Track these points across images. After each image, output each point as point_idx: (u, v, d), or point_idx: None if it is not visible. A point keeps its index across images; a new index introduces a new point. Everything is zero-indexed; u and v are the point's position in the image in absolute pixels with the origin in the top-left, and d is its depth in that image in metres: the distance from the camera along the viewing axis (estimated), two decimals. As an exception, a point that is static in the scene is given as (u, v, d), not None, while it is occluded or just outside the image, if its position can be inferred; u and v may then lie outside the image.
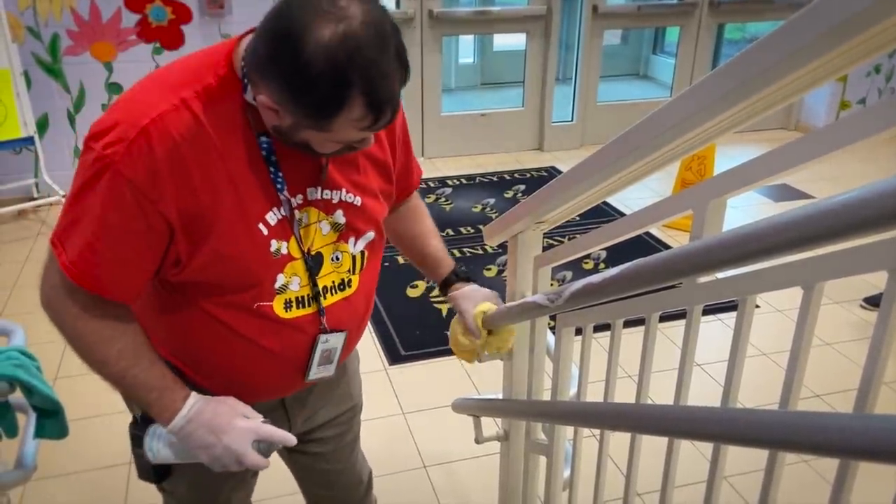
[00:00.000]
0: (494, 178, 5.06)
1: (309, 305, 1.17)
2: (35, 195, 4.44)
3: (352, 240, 1.21)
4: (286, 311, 1.15)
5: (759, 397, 2.17)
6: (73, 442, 1.72)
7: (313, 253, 1.15)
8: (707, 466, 1.02)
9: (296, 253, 1.13)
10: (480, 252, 3.94)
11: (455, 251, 3.95)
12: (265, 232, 1.08)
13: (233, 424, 1.09)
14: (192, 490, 1.34)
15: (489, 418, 1.79)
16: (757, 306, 0.92)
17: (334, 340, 1.22)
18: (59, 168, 4.41)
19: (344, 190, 1.16)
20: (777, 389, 0.87)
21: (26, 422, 1.61)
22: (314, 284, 1.16)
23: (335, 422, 1.44)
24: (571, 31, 5.64)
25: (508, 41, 6.88)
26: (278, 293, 1.13)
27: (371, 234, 1.23)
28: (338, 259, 1.19)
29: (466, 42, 7.72)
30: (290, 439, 1.14)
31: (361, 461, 1.59)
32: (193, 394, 1.11)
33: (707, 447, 1.01)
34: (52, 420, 1.57)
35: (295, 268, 1.13)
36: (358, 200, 1.19)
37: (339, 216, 1.17)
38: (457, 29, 5.53)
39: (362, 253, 1.24)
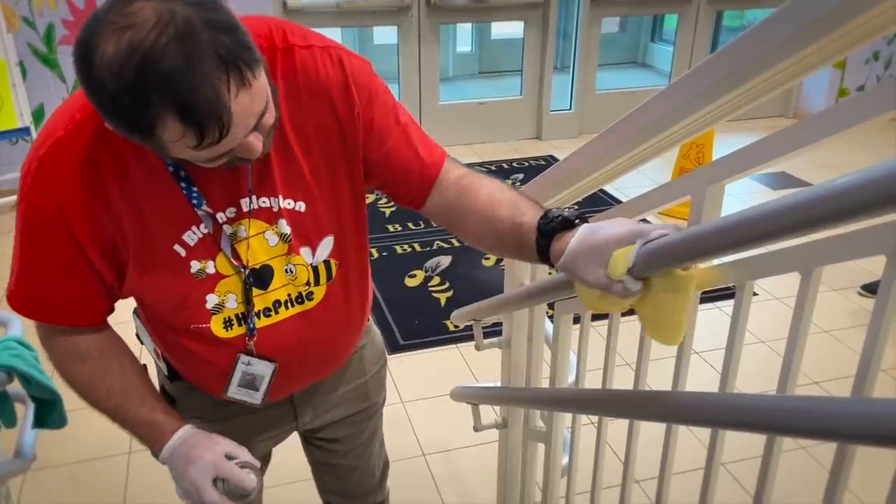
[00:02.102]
0: (493, 167, 5.05)
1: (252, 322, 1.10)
2: (32, 186, 4.43)
3: (305, 250, 1.09)
4: (226, 331, 1.08)
5: (756, 384, 2.17)
6: (73, 432, 1.73)
7: (258, 266, 1.06)
8: (705, 453, 1.02)
9: (226, 270, 1.05)
10: (479, 241, 3.93)
11: (453, 240, 3.95)
12: (182, 253, 1.01)
13: (200, 458, 1.06)
14: None
15: (488, 406, 1.79)
16: (755, 294, 0.92)
17: (260, 368, 1.12)
18: (56, 158, 4.40)
19: (281, 196, 1.04)
20: (775, 376, 0.87)
21: (25, 412, 1.62)
22: (248, 301, 1.07)
23: (348, 420, 1.40)
24: (569, 19, 5.62)
25: (506, 29, 6.86)
26: (213, 313, 1.07)
27: (329, 239, 1.10)
28: (291, 272, 1.09)
29: (464, 30, 7.70)
30: (249, 485, 1.06)
31: (377, 456, 1.54)
32: (185, 427, 1.10)
33: (705, 434, 1.01)
34: (50, 410, 1.58)
35: (229, 285, 1.06)
36: (301, 206, 1.06)
37: (283, 225, 1.05)
38: (454, 17, 5.50)
39: (327, 262, 1.12)
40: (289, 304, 1.11)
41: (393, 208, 4.35)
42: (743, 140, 0.86)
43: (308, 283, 1.11)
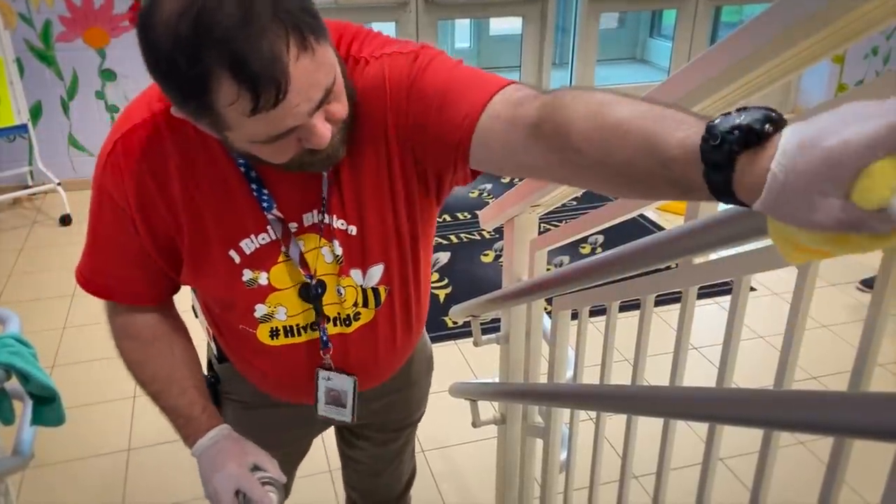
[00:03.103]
0: (491, 164, 5.04)
1: (299, 335, 1.09)
2: (30, 183, 4.42)
3: (356, 272, 1.06)
4: (272, 339, 1.09)
5: (754, 379, 2.17)
6: (71, 429, 1.73)
7: (314, 280, 1.05)
8: (703, 449, 1.02)
9: (279, 284, 1.04)
10: (477, 237, 3.93)
11: (452, 237, 3.95)
12: (237, 260, 1.01)
13: (225, 467, 1.05)
14: None
15: (486, 402, 1.79)
16: (753, 289, 0.92)
17: (339, 382, 1.13)
18: (54, 156, 4.39)
19: (335, 216, 1.01)
20: (772, 372, 0.87)
21: (23, 409, 1.61)
22: (319, 313, 1.07)
23: (383, 426, 1.39)
24: (568, 15, 5.62)
25: (505, 25, 6.85)
26: (262, 322, 1.07)
27: (380, 267, 1.06)
28: (341, 293, 1.06)
29: (462, 26, 7.69)
30: None
31: (405, 467, 1.53)
32: (220, 427, 1.09)
33: (703, 430, 1.01)
34: (49, 407, 1.57)
35: (280, 298, 1.05)
36: (353, 230, 1.02)
37: (337, 246, 1.03)
38: (453, 13, 5.49)
39: (375, 289, 1.08)
40: (336, 322, 1.10)
41: (391, 205, 4.34)
42: (740, 135, 0.85)
43: (356, 305, 1.09)
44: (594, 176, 0.71)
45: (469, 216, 4.20)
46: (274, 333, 1.09)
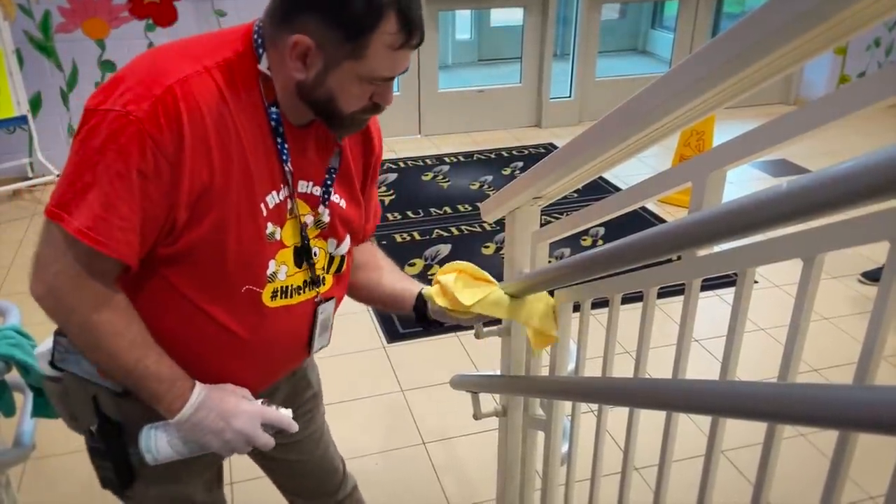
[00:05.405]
0: (492, 156, 5.03)
1: (292, 297, 1.17)
2: (30, 175, 4.42)
3: (332, 240, 1.22)
4: (272, 301, 1.15)
5: (756, 372, 2.17)
6: (72, 421, 1.72)
7: (306, 241, 1.17)
8: (705, 441, 1.02)
9: (287, 241, 1.13)
10: (478, 230, 3.93)
11: (453, 229, 3.95)
12: (264, 213, 1.08)
13: (241, 408, 1.11)
14: (158, 499, 1.30)
15: (487, 394, 1.79)
16: (755, 281, 0.92)
17: (328, 308, 1.25)
18: (54, 147, 4.39)
19: (332, 189, 1.18)
20: (775, 364, 0.86)
21: (23, 401, 1.61)
22: (312, 270, 1.18)
23: (297, 412, 1.36)
24: (569, 6, 5.59)
25: (506, 17, 6.83)
26: (269, 281, 1.13)
27: (348, 240, 1.25)
28: (315, 255, 1.20)
29: (463, 18, 7.67)
30: (293, 426, 1.15)
31: (333, 453, 1.56)
32: (199, 383, 1.09)
33: (705, 422, 1.01)
34: (49, 399, 1.57)
35: (284, 256, 1.14)
36: (343, 203, 1.21)
37: (325, 214, 1.18)
38: (453, 4, 5.47)
39: (342, 258, 1.26)
40: (304, 289, 1.20)
41: (392, 196, 4.34)
42: (744, 128, 0.85)
43: (324, 269, 1.23)
44: (361, 283, 1.40)
45: (470, 208, 4.19)
46: (274, 294, 1.15)
